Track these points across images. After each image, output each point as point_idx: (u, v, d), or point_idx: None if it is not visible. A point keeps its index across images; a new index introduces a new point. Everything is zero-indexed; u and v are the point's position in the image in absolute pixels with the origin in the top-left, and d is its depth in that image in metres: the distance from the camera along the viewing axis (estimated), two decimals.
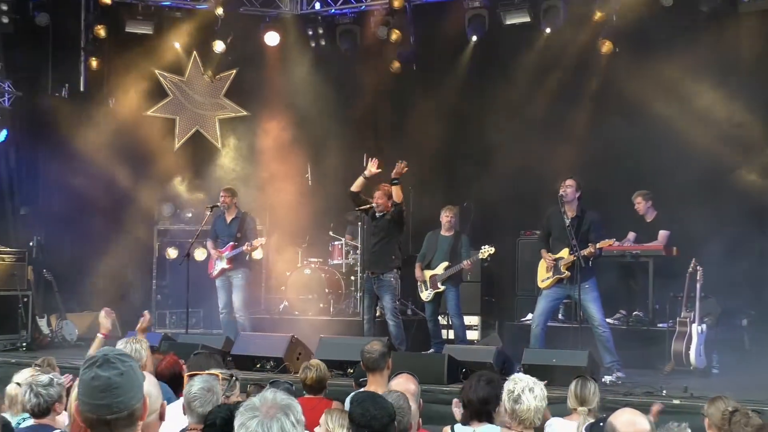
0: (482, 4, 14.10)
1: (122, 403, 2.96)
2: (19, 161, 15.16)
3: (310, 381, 7.02)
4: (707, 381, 9.88)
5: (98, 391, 2.96)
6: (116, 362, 3.01)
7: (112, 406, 2.94)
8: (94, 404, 2.96)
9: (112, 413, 2.95)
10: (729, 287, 11.28)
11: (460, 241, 11.53)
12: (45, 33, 14.86)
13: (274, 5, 15.77)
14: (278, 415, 3.61)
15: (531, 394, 5.07)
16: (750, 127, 11.94)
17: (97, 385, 2.96)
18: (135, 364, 3.08)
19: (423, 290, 11.58)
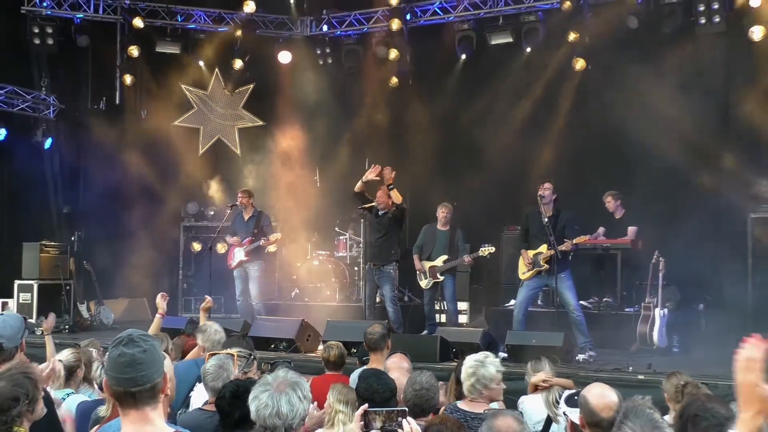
0: (470, 26, 14.18)
1: (145, 377, 2.95)
2: (62, 166, 15.28)
3: (333, 358, 7.01)
4: (668, 359, 9.86)
5: (124, 366, 2.95)
6: (139, 341, 3.00)
7: (137, 380, 2.94)
8: (121, 378, 2.96)
9: (137, 386, 2.94)
10: (687, 276, 11.28)
11: (456, 235, 11.50)
12: (85, 53, 14.98)
13: (286, 28, 15.85)
14: (287, 390, 3.62)
15: (485, 367, 5.14)
16: (706, 134, 11.93)
17: (123, 360, 2.96)
18: (157, 344, 3.07)
19: (422, 279, 11.52)
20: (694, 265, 11.27)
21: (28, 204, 14.57)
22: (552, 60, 13.52)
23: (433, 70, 14.82)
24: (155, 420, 2.99)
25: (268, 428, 3.59)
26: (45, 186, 15.07)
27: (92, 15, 15.01)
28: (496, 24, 14.02)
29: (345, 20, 15.52)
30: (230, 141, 16.31)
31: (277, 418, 3.54)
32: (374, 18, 15.20)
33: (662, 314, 10.60)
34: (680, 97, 12.18)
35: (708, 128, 11.98)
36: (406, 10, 14.67)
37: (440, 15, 14.71)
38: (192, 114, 16.20)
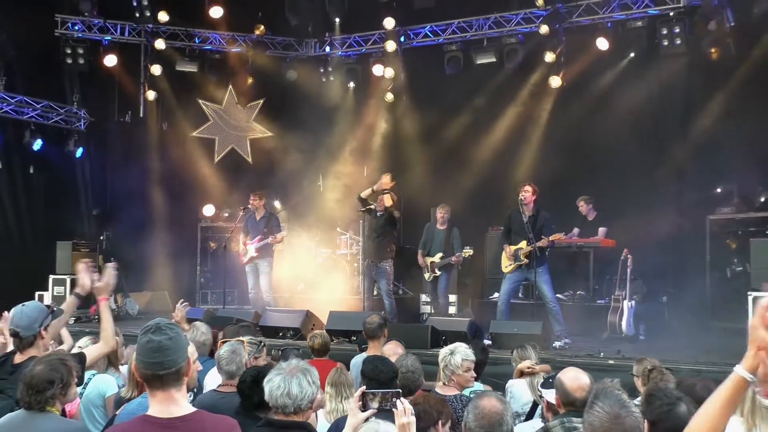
0: (458, 47, 14.19)
1: (171, 362, 2.97)
2: (92, 172, 15.31)
3: (317, 346, 7.06)
4: (635, 345, 9.93)
5: (152, 351, 2.97)
6: (166, 329, 3.03)
7: (164, 364, 2.96)
8: (149, 362, 2.98)
9: (163, 369, 2.97)
10: (653, 272, 11.34)
11: (452, 234, 11.52)
12: (112, 71, 14.91)
13: (293, 49, 15.86)
14: (298, 374, 3.65)
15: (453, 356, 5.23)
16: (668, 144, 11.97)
17: (151, 347, 2.98)
18: (181, 332, 3.09)
19: (426, 272, 11.62)
20: (658, 262, 11.34)
21: (62, 207, 14.55)
22: (531, 78, 13.54)
23: (425, 87, 14.78)
24: (180, 400, 3.02)
25: (279, 407, 3.62)
26: (76, 190, 15.11)
27: (119, 37, 15.03)
28: (480, 45, 14.01)
29: (346, 42, 15.51)
30: (243, 150, 16.29)
31: (288, 398, 3.57)
32: (372, 40, 15.20)
33: (630, 306, 10.65)
34: (645, 111, 12.28)
35: (670, 139, 12.05)
36: (401, 33, 14.67)
37: (431, 37, 14.70)
38: (208, 126, 16.17)
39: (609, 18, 13.02)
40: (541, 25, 13.17)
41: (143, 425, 2.99)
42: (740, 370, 2.44)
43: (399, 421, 3.14)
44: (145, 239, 14.55)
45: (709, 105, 11.73)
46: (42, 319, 4.62)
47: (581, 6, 13.15)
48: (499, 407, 3.42)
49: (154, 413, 3.00)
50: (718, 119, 11.56)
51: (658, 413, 3.20)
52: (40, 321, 4.60)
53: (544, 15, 13.23)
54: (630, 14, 12.85)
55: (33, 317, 4.59)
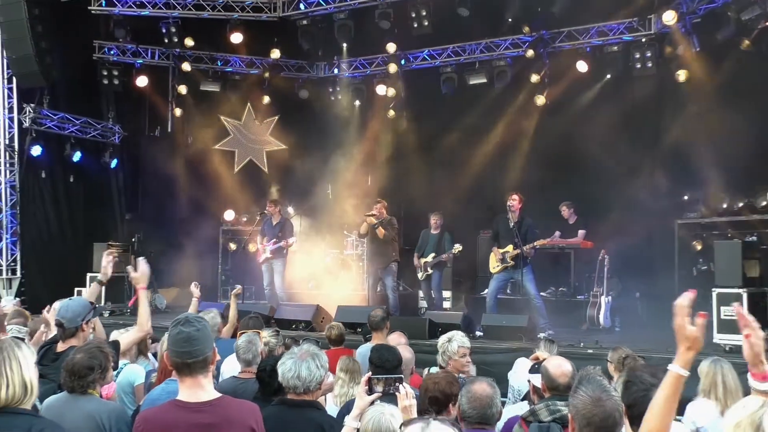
0: (452, 69, 14.24)
1: (199, 351, 2.99)
2: (125, 181, 15.37)
3: (334, 336, 7.10)
4: (612, 336, 9.96)
5: (182, 341, 2.99)
6: (194, 322, 3.05)
7: (192, 353, 2.97)
8: (179, 351, 3.00)
9: (192, 358, 2.98)
10: (627, 270, 11.30)
11: (444, 237, 11.53)
12: (143, 91, 14.94)
13: (305, 71, 15.92)
14: (308, 358, 3.66)
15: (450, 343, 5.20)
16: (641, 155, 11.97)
17: (181, 337, 2.99)
18: (207, 324, 3.11)
19: (420, 272, 11.61)
20: (632, 261, 11.32)
21: (98, 212, 14.61)
22: (518, 96, 13.55)
23: (423, 104, 14.82)
24: (206, 386, 3.03)
25: (290, 388, 3.63)
26: (111, 197, 15.15)
27: (149, 61, 15.06)
28: (473, 68, 14.04)
29: (352, 64, 15.53)
30: (259, 161, 16.31)
31: (297, 380, 3.58)
32: (375, 63, 15.22)
33: (607, 301, 10.67)
34: (620, 126, 12.28)
35: (643, 151, 12.04)
36: (401, 56, 14.68)
37: (428, 60, 14.73)
38: (229, 140, 16.20)
39: (588, 43, 13.09)
40: (527, 50, 13.24)
41: (175, 409, 3.00)
42: (674, 368, 2.52)
43: (401, 404, 3.15)
44: (172, 241, 14.55)
45: (677, 121, 11.73)
46: (85, 314, 4.64)
47: (563, 33, 13.21)
48: (489, 391, 3.42)
49: (183, 398, 3.01)
50: (685, 134, 11.53)
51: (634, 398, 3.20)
52: (83, 315, 4.62)
53: (530, 41, 13.28)
54: (606, 40, 12.91)
55: (77, 311, 4.61)
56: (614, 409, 2.79)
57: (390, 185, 14.06)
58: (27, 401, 2.96)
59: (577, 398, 2.81)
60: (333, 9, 13.70)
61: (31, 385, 2.96)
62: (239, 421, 3.01)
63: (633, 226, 11.31)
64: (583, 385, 2.83)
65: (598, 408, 2.75)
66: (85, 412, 3.68)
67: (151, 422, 3.04)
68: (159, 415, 3.07)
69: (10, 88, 13.19)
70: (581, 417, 2.77)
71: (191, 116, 15.57)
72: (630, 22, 12.67)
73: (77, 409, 3.70)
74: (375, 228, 11.17)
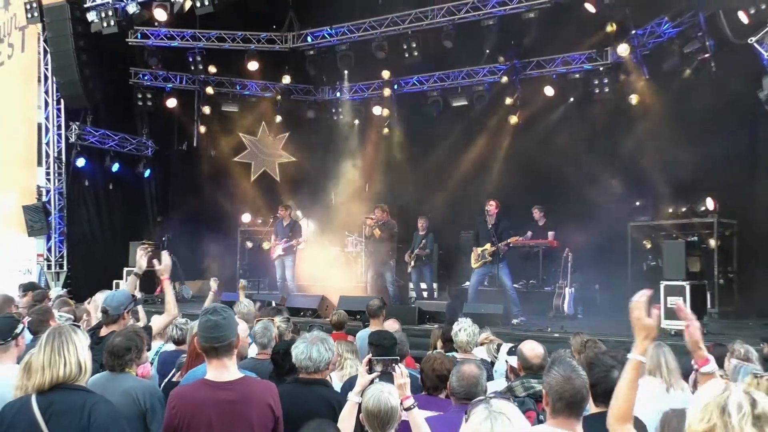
0: (438, 93, 14.30)
1: (224, 337, 2.97)
2: (157, 189, 15.31)
3: (335, 321, 7.05)
4: (575, 322, 9.92)
5: (210, 328, 2.97)
6: (221, 311, 3.03)
7: (219, 338, 2.96)
8: (207, 337, 2.98)
9: (218, 342, 2.97)
10: (588, 265, 11.29)
11: (428, 238, 11.57)
12: (173, 111, 14.94)
13: (312, 94, 15.93)
14: (318, 342, 3.63)
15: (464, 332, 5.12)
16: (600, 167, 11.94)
17: (209, 325, 2.98)
18: (232, 314, 3.09)
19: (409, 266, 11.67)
20: (592, 258, 11.31)
21: (133, 215, 14.54)
22: (494, 116, 13.54)
23: (413, 123, 14.81)
24: (230, 367, 3.02)
25: (303, 368, 3.61)
26: (144, 202, 15.08)
27: (178, 85, 15.04)
28: (456, 92, 14.09)
29: (352, 89, 15.51)
30: (272, 172, 16.27)
31: (309, 361, 3.56)
32: (372, 87, 15.23)
33: (571, 292, 10.67)
34: (582, 142, 12.31)
35: (601, 163, 11.99)
36: (394, 82, 14.71)
37: (417, 85, 14.73)
38: (246, 153, 16.15)
39: (554, 71, 13.14)
40: (502, 77, 13.27)
41: (203, 387, 2.99)
42: (634, 356, 2.53)
43: (397, 382, 3.14)
44: (197, 239, 14.52)
45: (630, 138, 11.74)
46: (127, 304, 4.65)
47: (532, 62, 13.26)
48: (477, 372, 3.41)
49: (211, 377, 3.00)
50: (637, 149, 11.56)
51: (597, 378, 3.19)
52: (125, 305, 4.62)
53: (505, 69, 13.30)
54: (570, 69, 12.97)
55: (120, 301, 4.62)
56: (582, 386, 2.80)
57: (384, 192, 14.03)
58: (81, 378, 2.98)
59: (550, 376, 2.81)
60: (336, 41, 13.77)
61: (85, 365, 2.99)
62: (259, 398, 3.01)
63: (593, 228, 11.30)
64: (556, 366, 2.83)
65: (569, 385, 2.76)
66: (122, 389, 3.65)
67: (183, 398, 3.03)
68: (189, 392, 3.06)
69: (59, 109, 13.17)
70: (554, 392, 2.77)
71: (214, 133, 15.54)
72: (590, 53, 12.72)
73: (116, 386, 3.66)
74: (372, 229, 11.18)
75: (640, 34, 11.71)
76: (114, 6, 11.68)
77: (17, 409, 2.92)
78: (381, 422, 2.85)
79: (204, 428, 2.93)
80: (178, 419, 2.97)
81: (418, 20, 12.62)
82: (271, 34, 14.37)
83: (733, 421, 1.82)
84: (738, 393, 1.90)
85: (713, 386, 1.97)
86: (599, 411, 3.26)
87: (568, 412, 2.74)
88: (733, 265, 11.12)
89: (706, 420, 1.86)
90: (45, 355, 2.93)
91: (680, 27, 11.07)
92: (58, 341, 2.96)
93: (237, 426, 2.95)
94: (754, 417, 1.83)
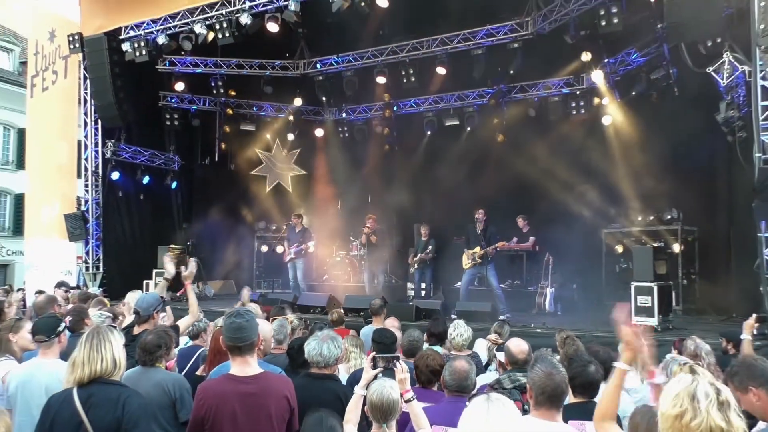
0: (433, 114, 14.27)
1: (247, 337, 3.00)
2: (182, 199, 15.29)
3: (335, 318, 7.06)
4: (555, 319, 9.90)
5: (234, 330, 2.99)
6: (244, 314, 3.06)
7: (242, 338, 2.98)
8: (232, 337, 3.01)
9: (242, 342, 2.99)
10: (567, 267, 11.30)
11: (429, 243, 11.62)
12: (197, 129, 14.99)
13: (320, 114, 15.91)
14: (328, 340, 3.64)
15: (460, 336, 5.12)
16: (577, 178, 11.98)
17: (233, 326, 3.00)
18: (254, 316, 3.11)
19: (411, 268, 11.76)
20: (570, 261, 11.30)
21: (161, 222, 14.52)
22: (483, 135, 13.52)
23: (411, 140, 14.83)
24: (252, 364, 3.04)
25: (314, 363, 3.62)
26: (171, 211, 15.05)
27: (202, 107, 15.03)
28: (448, 113, 14.08)
29: (356, 110, 15.57)
30: (285, 184, 16.26)
31: (320, 357, 3.57)
32: (374, 108, 15.24)
33: (551, 291, 10.68)
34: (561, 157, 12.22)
35: (578, 176, 11.98)
36: (394, 104, 14.72)
37: (414, 107, 14.75)
38: (262, 167, 16.14)
39: (536, 95, 13.17)
40: (490, 100, 13.30)
41: (227, 381, 3.00)
42: (620, 365, 2.57)
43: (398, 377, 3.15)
44: (218, 244, 14.55)
45: (604, 154, 11.75)
46: (156, 305, 4.67)
47: (517, 86, 13.30)
48: (467, 367, 3.42)
49: (234, 372, 3.02)
50: (610, 164, 11.59)
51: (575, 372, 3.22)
52: (155, 306, 4.64)
53: (492, 92, 13.34)
54: (550, 93, 13.00)
55: (151, 303, 4.64)
56: (562, 381, 2.81)
57: (385, 202, 14.05)
58: (116, 374, 3.00)
59: (534, 372, 2.84)
60: (342, 68, 13.80)
61: (119, 362, 3.01)
62: (277, 392, 3.03)
63: (571, 234, 11.31)
64: (539, 363, 2.85)
65: (550, 380, 2.78)
66: (154, 381, 3.67)
67: (209, 391, 3.05)
68: (215, 386, 3.08)
69: (96, 128, 13.21)
70: (537, 387, 2.79)
71: (233, 149, 15.52)
72: (568, 79, 12.76)
73: (149, 379, 3.69)
74: (369, 236, 11.20)
75: (612, 63, 11.77)
76: (146, 38, 11.73)
77: (62, 401, 2.96)
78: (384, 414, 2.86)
79: (228, 418, 2.95)
80: (205, 410, 2.99)
81: (415, 49, 12.68)
82: (284, 62, 14.42)
83: (701, 406, 1.91)
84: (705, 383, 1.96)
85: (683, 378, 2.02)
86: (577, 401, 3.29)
87: (549, 404, 2.76)
88: (696, 267, 11.13)
89: (679, 405, 1.93)
90: (85, 352, 2.98)
91: (647, 56, 11.14)
92: (96, 339, 3.01)
93: (258, 416, 2.97)
94: (719, 403, 1.92)
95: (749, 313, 5.97)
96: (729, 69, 7.50)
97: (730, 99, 8.16)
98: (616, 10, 9.48)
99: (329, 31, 12.25)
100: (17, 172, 22.20)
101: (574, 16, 10.34)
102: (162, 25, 11.55)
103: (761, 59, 6.72)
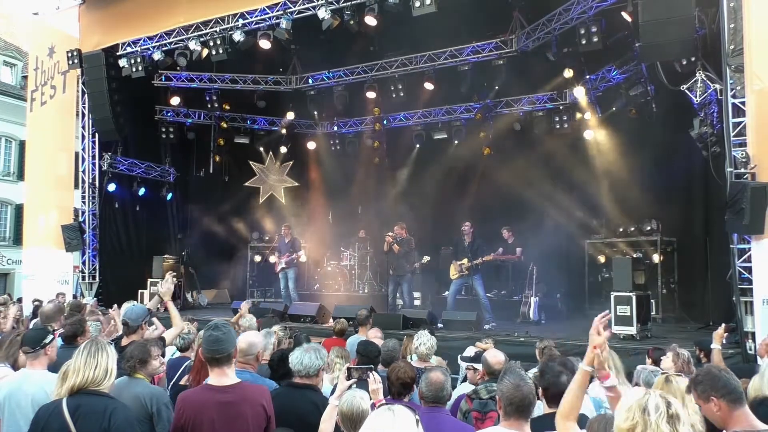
0: (421, 128, 14.37)
1: (224, 349, 3.00)
2: (177, 210, 15.23)
3: (338, 330, 6.96)
4: (539, 328, 9.92)
5: (212, 342, 3.00)
6: (221, 327, 3.06)
7: (220, 350, 2.99)
8: (210, 349, 3.01)
9: (219, 354, 3.00)
10: (550, 277, 11.35)
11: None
12: (192, 142, 15.01)
13: (312, 128, 15.94)
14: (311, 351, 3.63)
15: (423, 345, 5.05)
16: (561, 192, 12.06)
17: (211, 339, 3.01)
18: (232, 329, 3.11)
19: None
20: (554, 271, 11.38)
21: (157, 233, 14.46)
22: (470, 148, 13.56)
23: (400, 154, 14.89)
24: (229, 374, 3.04)
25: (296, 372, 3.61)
26: (167, 222, 14.97)
27: (197, 120, 15.06)
28: (436, 126, 14.15)
29: (347, 123, 15.61)
30: (278, 195, 16.23)
31: (301, 366, 3.55)
32: (365, 122, 15.28)
33: (536, 300, 10.68)
34: (546, 170, 12.36)
35: (562, 189, 12.10)
36: (384, 117, 14.78)
37: (404, 121, 14.81)
38: (255, 179, 16.13)
39: (521, 110, 13.25)
40: (477, 114, 13.37)
41: (206, 390, 3.01)
42: (583, 366, 2.57)
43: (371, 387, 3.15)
44: (212, 254, 14.51)
45: (586, 167, 11.83)
46: (144, 317, 4.66)
47: (502, 101, 13.37)
48: (442, 378, 3.42)
49: (212, 382, 3.02)
50: (592, 177, 11.67)
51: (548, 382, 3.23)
52: (143, 318, 4.63)
53: (479, 107, 13.41)
54: (534, 107, 13.09)
55: (139, 314, 4.63)
56: (530, 392, 2.82)
57: (375, 213, 14.07)
58: (105, 383, 3.03)
59: (503, 384, 2.84)
60: (333, 83, 13.86)
61: (111, 372, 3.06)
62: (253, 400, 3.03)
63: (554, 245, 11.39)
64: (507, 375, 2.86)
65: (518, 392, 2.79)
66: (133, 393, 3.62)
67: (188, 400, 3.05)
68: (193, 395, 3.08)
69: (94, 141, 13.19)
70: (505, 398, 2.80)
71: (227, 161, 15.55)
72: (551, 95, 12.85)
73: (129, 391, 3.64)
74: (391, 245, 10.98)
75: (593, 79, 11.88)
76: (142, 54, 11.75)
77: (51, 412, 2.96)
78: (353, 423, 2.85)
79: (207, 426, 2.96)
80: (184, 419, 3.00)
81: (404, 65, 12.75)
82: (277, 77, 14.45)
83: (651, 419, 1.91)
84: (656, 396, 1.97)
85: (636, 391, 2.04)
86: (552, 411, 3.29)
87: (517, 415, 2.77)
88: (674, 277, 11.19)
89: (630, 419, 1.94)
90: (81, 359, 3.03)
91: (626, 74, 11.26)
92: (94, 348, 3.08)
93: (235, 423, 2.97)
94: (668, 416, 1.92)
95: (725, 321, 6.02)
96: (702, 87, 7.59)
97: (703, 115, 8.25)
98: (596, 30, 9.59)
99: (321, 48, 12.30)
100: (18, 183, 22.09)
101: (556, 35, 10.45)
102: (158, 41, 11.57)
103: (731, 78, 6.81)
